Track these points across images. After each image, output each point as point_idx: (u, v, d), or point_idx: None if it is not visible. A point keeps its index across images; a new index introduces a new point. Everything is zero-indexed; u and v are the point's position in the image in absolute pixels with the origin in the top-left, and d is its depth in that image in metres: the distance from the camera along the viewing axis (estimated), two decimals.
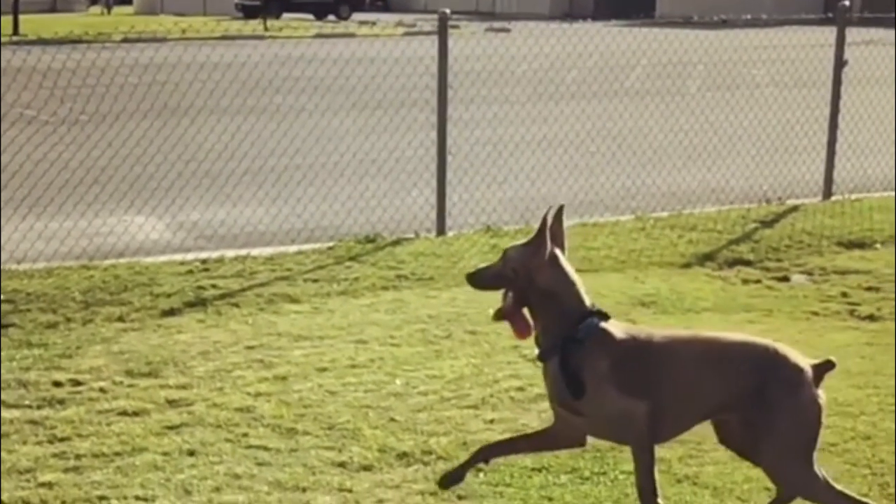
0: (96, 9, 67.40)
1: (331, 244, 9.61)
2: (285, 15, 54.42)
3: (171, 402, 5.97)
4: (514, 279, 4.24)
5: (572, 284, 4.25)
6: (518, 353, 6.61)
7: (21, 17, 41.93)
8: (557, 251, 4.28)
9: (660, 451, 4.33)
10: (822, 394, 4.17)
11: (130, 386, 6.22)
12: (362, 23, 48.51)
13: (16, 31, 40.59)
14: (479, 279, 4.40)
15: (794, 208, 11.19)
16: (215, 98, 12.63)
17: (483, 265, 4.49)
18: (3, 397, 6.00)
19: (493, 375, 6.40)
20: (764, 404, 4.13)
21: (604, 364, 4.13)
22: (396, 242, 9.73)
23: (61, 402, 5.98)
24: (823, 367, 4.18)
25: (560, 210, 4.34)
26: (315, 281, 8.48)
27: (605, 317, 4.23)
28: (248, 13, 54.09)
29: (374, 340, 7.07)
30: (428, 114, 11.63)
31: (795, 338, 6.73)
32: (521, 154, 13.48)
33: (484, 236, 9.93)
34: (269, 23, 44.62)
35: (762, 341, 4.29)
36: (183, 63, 13.40)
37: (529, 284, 4.21)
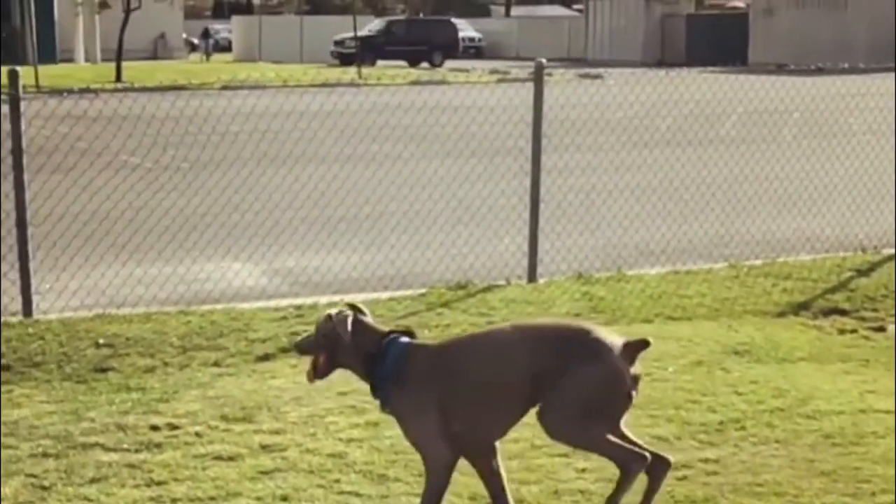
0: (196, 56, 68.62)
1: (423, 290, 9.66)
2: (380, 62, 55.00)
3: (265, 447, 6.04)
4: (320, 342, 4.81)
5: (371, 330, 4.80)
6: None
7: (123, 65, 42.83)
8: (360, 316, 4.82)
9: None
10: (634, 369, 4.53)
11: (225, 430, 6.30)
12: (455, 70, 48.81)
13: (118, 78, 41.46)
14: (299, 346, 5.01)
15: (891, 257, 11.03)
16: (311, 145, 12.82)
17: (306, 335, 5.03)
18: (102, 441, 6.11)
19: None
20: (564, 374, 4.48)
21: (420, 382, 4.63)
22: (488, 289, 9.75)
23: (158, 445, 6.07)
24: (636, 346, 4.54)
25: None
26: None
27: (410, 335, 4.76)
28: (344, 61, 54.74)
29: None
30: (522, 162, 11.68)
31: (892, 388, 6.63)
32: (613, 201, 13.46)
33: (575, 283, 9.92)
34: (364, 70, 45.10)
35: (575, 323, 4.86)
36: (281, 111, 13.63)
37: (334, 342, 4.75)
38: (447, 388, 4.60)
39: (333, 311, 4.82)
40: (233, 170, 14.33)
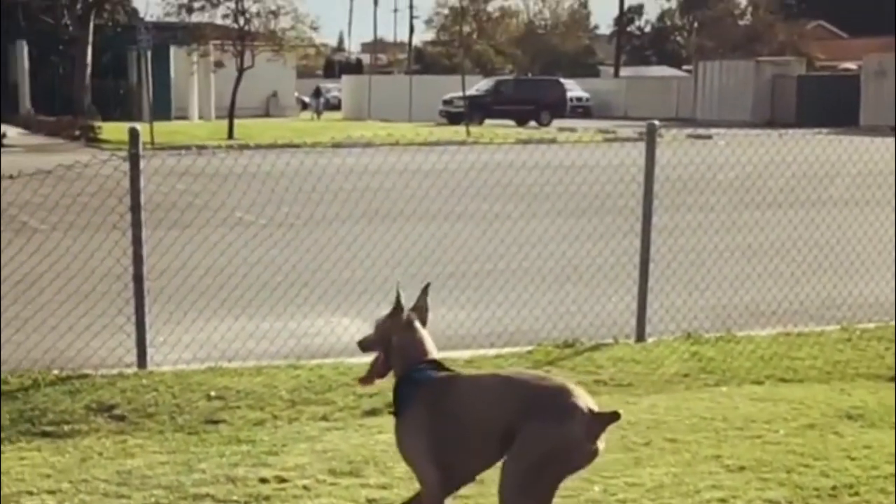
0: (307, 114, 69.65)
1: (530, 348, 9.65)
2: (488, 121, 55.32)
3: (372, 502, 6.06)
4: (379, 341, 5.01)
5: (421, 343, 4.91)
6: (720, 464, 6.52)
7: (236, 122, 43.63)
8: (413, 317, 4.98)
9: None
10: (597, 445, 4.45)
11: (333, 484, 6.33)
12: (563, 129, 48.89)
13: (231, 135, 42.23)
14: (361, 344, 5.17)
15: None
16: (420, 203, 12.91)
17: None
18: (212, 492, 6.19)
19: (695, 485, 6.31)
20: (528, 427, 4.43)
21: (419, 409, 4.74)
22: (595, 348, 9.72)
23: (267, 498, 6.13)
24: (607, 418, 4.44)
25: (426, 288, 5.08)
26: None
27: (443, 368, 4.86)
28: (452, 120, 55.17)
29: None
30: (632, 221, 11.65)
31: None
32: (723, 261, 13.34)
33: (684, 343, 9.83)
34: (472, 129, 45.38)
35: (557, 380, 4.63)
36: (390, 168, 13.77)
37: (388, 345, 4.96)
38: (437, 420, 4.71)
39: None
40: (343, 226, 14.52)
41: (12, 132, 41.64)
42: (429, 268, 12.69)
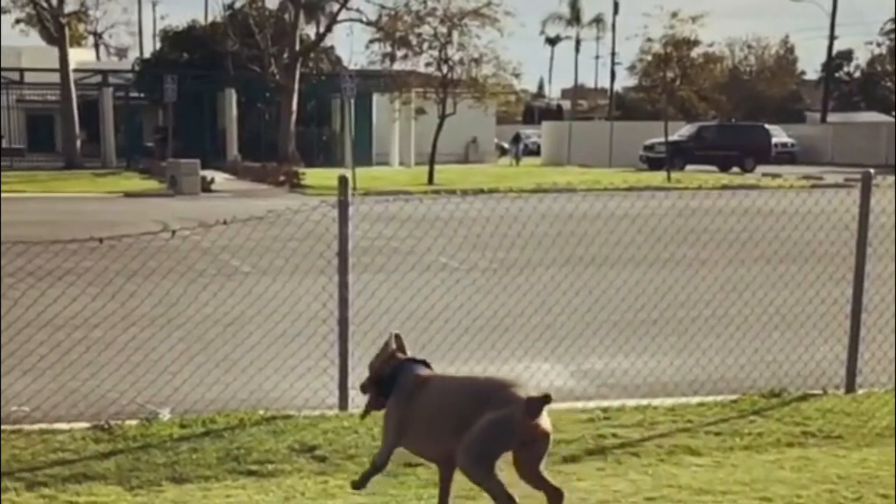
0: (506, 160, 70.06)
1: (734, 397, 9.42)
2: (689, 167, 54.72)
3: None
4: (373, 379, 6.26)
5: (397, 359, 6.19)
6: None
7: (436, 168, 44.18)
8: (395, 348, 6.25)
9: None
10: (541, 420, 5.67)
11: None
12: (767, 175, 47.97)
13: (431, 181, 42.76)
14: (362, 387, 6.38)
15: None
16: (620, 248, 12.79)
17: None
18: None
19: None
20: (478, 419, 5.67)
21: (400, 396, 6.06)
22: (803, 398, 9.42)
23: None
24: (538, 401, 5.63)
25: (398, 336, 6.30)
26: (717, 434, 8.33)
27: (425, 365, 6.23)
28: (653, 165, 54.78)
29: (779, 499, 6.84)
30: (842, 269, 11.31)
31: None
32: None
33: None
34: (674, 174, 44.93)
35: (507, 380, 5.93)
36: (590, 213, 13.68)
37: (379, 380, 6.20)
38: (408, 408, 6.00)
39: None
40: (543, 271, 14.48)
41: (220, 178, 42.94)
42: (631, 314, 12.55)
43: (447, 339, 10.87)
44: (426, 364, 6.27)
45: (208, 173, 40.67)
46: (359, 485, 6.29)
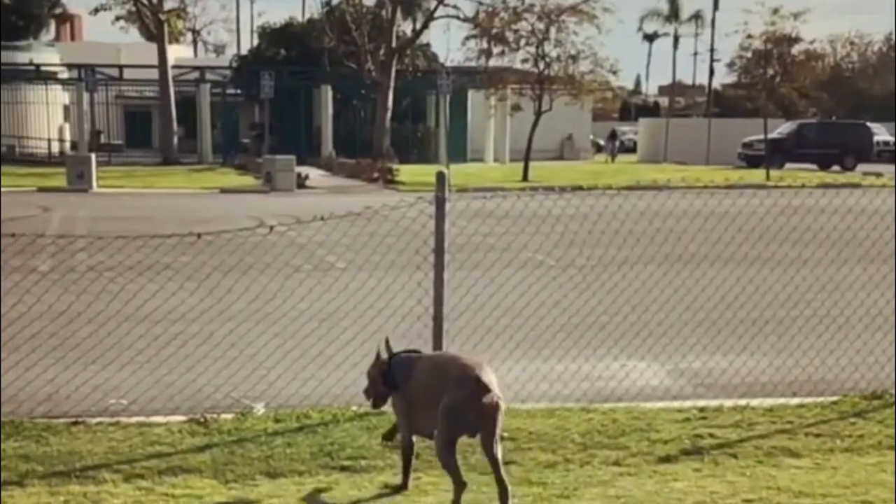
0: (601, 157, 69.72)
1: (834, 398, 9.25)
2: (788, 165, 53.99)
3: None
4: (372, 384, 7.05)
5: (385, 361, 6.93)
6: None
7: (530, 164, 44.07)
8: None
9: None
10: (492, 399, 6.22)
11: None
12: (868, 174, 47.14)
13: (525, 177, 42.68)
14: (366, 392, 7.15)
15: None
16: (717, 246, 12.63)
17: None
18: None
19: None
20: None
21: (397, 390, 6.79)
22: None
23: None
24: (483, 384, 6.21)
25: (387, 340, 7.05)
26: (817, 436, 8.18)
27: (414, 352, 6.96)
28: (751, 163, 54.14)
29: (880, 502, 6.69)
30: None
31: None
32: None
33: None
34: (772, 172, 44.35)
35: (471, 360, 6.45)
36: (687, 211, 13.51)
37: (376, 382, 6.99)
38: (406, 398, 6.72)
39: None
40: (636, 269, 14.34)
41: (314, 174, 43.23)
42: (730, 313, 12.37)
43: (542, 337, 10.82)
44: (415, 351, 7.00)
45: (303, 169, 40.96)
46: (388, 436, 7.32)
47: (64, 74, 60.46)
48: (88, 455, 7.51)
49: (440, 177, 8.88)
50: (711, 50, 77.37)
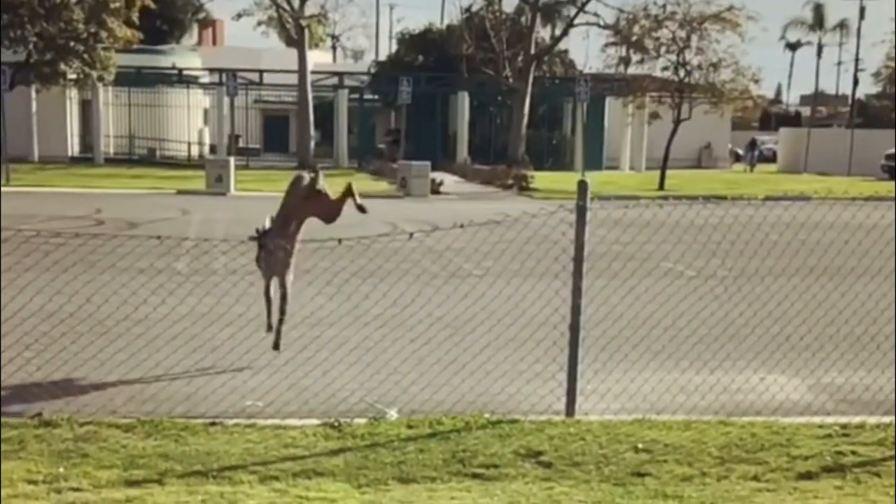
0: (739, 166, 68.72)
1: None
2: None
3: None
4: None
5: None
6: None
7: (667, 173, 43.64)
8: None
9: None
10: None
11: None
12: None
13: (662, 186, 42.26)
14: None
15: None
16: (858, 259, 12.31)
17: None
18: None
19: None
20: None
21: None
22: None
23: None
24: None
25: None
26: None
27: None
28: (894, 175, 52.83)
29: None
30: None
31: None
32: None
33: None
34: None
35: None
36: (828, 223, 13.21)
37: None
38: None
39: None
40: (779, 281, 14.06)
41: (448, 180, 43.31)
42: (875, 328, 12.04)
43: (680, 348, 10.67)
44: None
45: (437, 175, 41.07)
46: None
47: (205, 79, 61.62)
48: (225, 455, 7.60)
49: (582, 185, 8.81)
50: (856, 59, 76.11)
